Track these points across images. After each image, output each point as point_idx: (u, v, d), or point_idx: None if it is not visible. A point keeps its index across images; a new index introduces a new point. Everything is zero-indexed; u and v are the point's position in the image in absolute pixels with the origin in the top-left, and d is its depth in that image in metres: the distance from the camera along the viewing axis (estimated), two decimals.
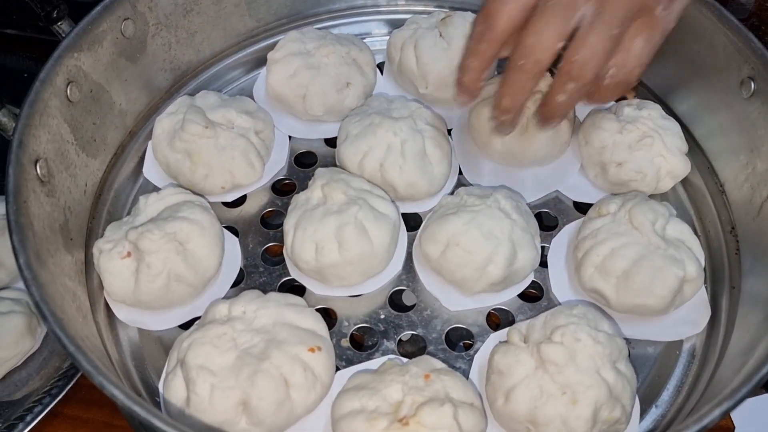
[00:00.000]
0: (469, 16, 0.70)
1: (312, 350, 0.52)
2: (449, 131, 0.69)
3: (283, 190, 0.68)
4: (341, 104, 0.69)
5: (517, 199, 0.61)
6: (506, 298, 0.59)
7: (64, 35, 0.58)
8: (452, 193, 0.64)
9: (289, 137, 0.70)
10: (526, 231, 0.58)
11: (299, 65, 0.68)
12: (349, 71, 0.69)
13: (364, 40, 0.77)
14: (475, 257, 0.56)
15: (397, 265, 0.61)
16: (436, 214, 0.60)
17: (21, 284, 0.68)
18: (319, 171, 0.61)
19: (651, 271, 0.54)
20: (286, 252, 0.59)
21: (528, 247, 0.57)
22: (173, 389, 0.51)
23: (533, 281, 0.61)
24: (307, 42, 0.69)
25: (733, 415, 0.63)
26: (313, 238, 0.57)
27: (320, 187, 0.59)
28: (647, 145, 0.62)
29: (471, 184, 0.66)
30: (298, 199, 0.60)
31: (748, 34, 0.57)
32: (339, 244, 0.57)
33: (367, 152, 0.62)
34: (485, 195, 0.59)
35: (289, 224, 0.59)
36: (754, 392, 0.50)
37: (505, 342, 0.54)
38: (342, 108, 0.69)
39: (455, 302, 0.59)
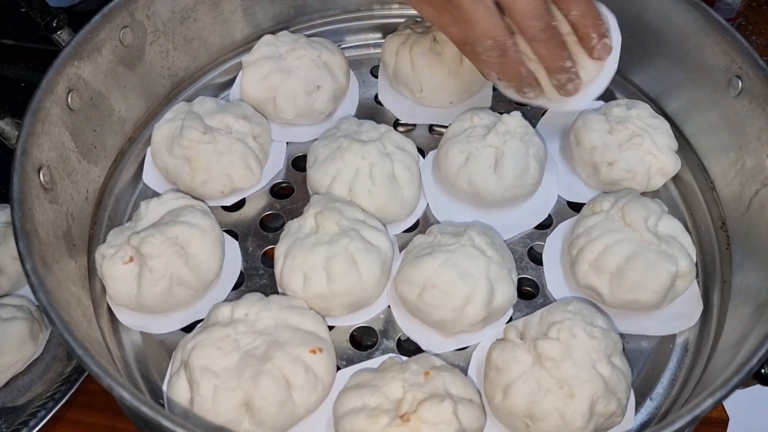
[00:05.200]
0: None
1: (314, 351, 0.53)
2: (420, 152, 0.68)
3: (281, 193, 0.68)
4: (311, 107, 0.69)
5: (491, 234, 0.59)
6: (486, 336, 0.57)
7: (64, 44, 0.59)
8: (419, 228, 0.64)
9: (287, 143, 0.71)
10: (503, 267, 0.57)
11: (270, 68, 0.68)
12: (320, 74, 0.69)
13: (358, 45, 0.79)
14: (452, 298, 0.55)
15: (386, 299, 0.60)
16: (409, 255, 0.59)
17: (22, 291, 0.68)
18: (314, 198, 0.60)
19: (644, 267, 0.56)
20: (277, 279, 0.59)
21: (505, 283, 0.56)
22: (177, 390, 0.52)
23: (529, 279, 0.62)
24: (280, 46, 0.70)
25: (727, 406, 0.65)
26: (301, 267, 0.56)
27: (313, 215, 0.59)
28: (637, 144, 0.63)
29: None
30: (291, 226, 0.60)
31: (735, 34, 0.59)
32: (327, 276, 0.56)
33: (335, 176, 0.62)
34: (458, 233, 0.58)
35: (279, 251, 0.58)
36: (745, 383, 0.52)
37: (502, 339, 0.55)
38: (312, 111, 0.69)
39: (435, 345, 0.58)
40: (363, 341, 0.60)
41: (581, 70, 0.57)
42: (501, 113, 0.65)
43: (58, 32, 0.60)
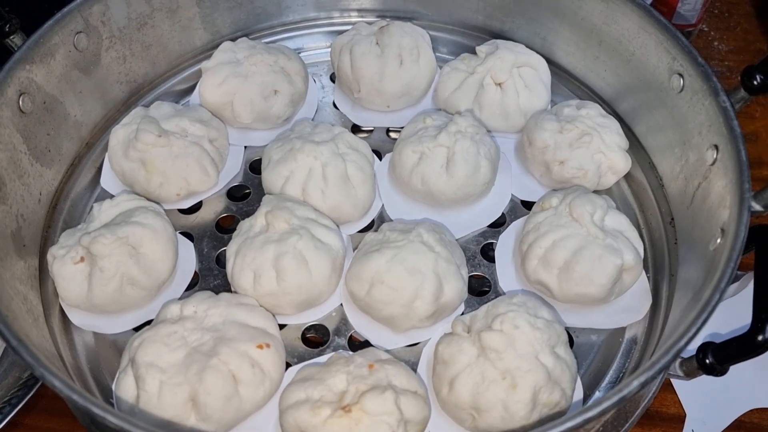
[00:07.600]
0: (407, 27, 0.71)
1: (260, 347, 0.53)
2: (378, 154, 0.69)
3: (238, 196, 0.69)
4: (268, 112, 0.70)
5: (440, 231, 0.60)
6: (438, 332, 0.58)
7: (16, 48, 0.59)
8: (375, 227, 0.64)
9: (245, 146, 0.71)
10: (451, 263, 0.57)
11: (228, 74, 0.69)
12: (276, 79, 0.70)
13: (318, 52, 0.80)
14: (400, 294, 0.55)
15: (339, 297, 0.61)
16: (359, 252, 0.59)
17: None
18: (266, 198, 0.61)
19: (590, 260, 0.56)
20: (228, 278, 0.59)
21: (454, 279, 0.57)
22: (124, 387, 0.52)
23: (481, 276, 0.63)
24: (238, 52, 0.71)
25: (684, 402, 0.65)
26: (251, 266, 0.57)
27: (264, 214, 0.59)
28: (586, 143, 0.64)
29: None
30: (243, 225, 0.60)
31: (676, 32, 0.60)
32: (277, 273, 0.56)
33: (288, 177, 0.62)
34: (407, 230, 0.59)
35: (230, 250, 0.59)
36: (691, 373, 0.52)
37: (450, 333, 0.55)
38: (269, 116, 0.70)
39: (386, 341, 0.58)
40: (316, 340, 0.61)
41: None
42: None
43: (11, 37, 0.61)
